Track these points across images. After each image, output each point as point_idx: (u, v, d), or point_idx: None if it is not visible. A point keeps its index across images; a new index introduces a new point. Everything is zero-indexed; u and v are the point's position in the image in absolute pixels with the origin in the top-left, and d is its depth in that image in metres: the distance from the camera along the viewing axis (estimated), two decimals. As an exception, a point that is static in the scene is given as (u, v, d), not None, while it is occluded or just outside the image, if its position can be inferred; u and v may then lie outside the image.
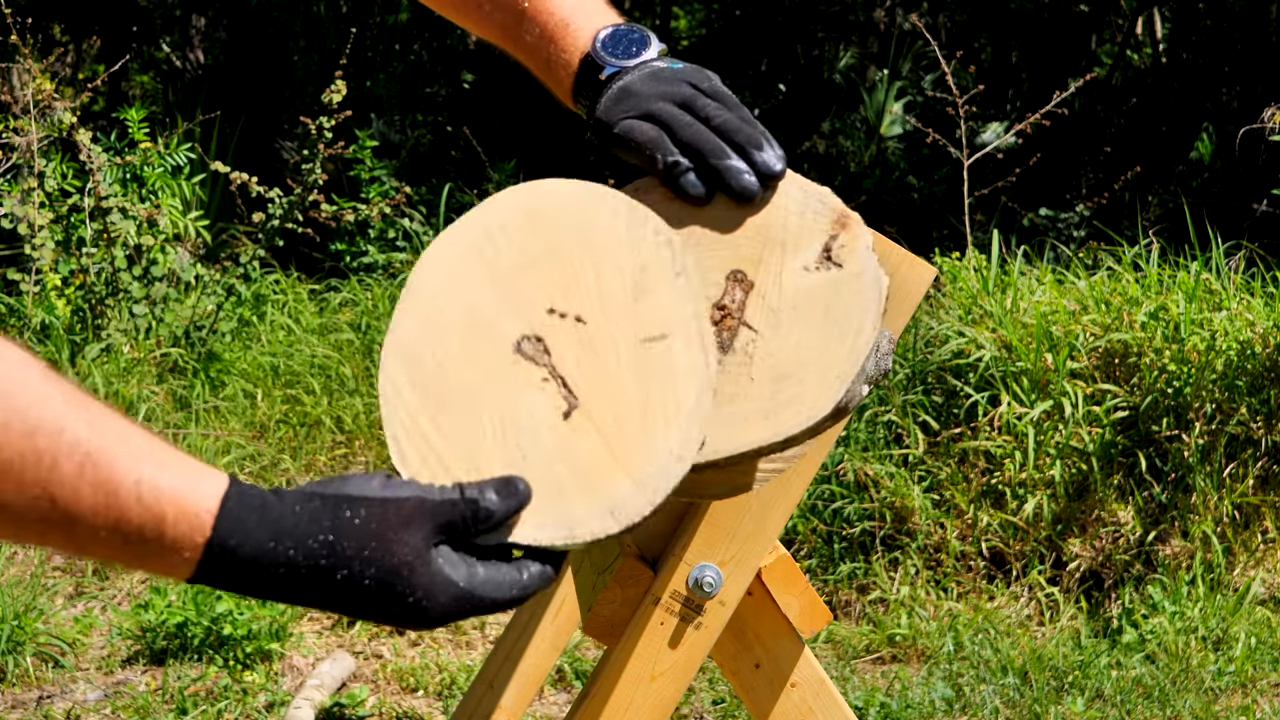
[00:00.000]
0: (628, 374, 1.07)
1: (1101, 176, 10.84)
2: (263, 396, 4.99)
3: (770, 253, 1.17)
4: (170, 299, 5.33)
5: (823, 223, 1.19)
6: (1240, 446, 4.38)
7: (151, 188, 5.63)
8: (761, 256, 1.17)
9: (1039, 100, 7.18)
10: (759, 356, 1.14)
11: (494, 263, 1.11)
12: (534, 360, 1.07)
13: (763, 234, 1.18)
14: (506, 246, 1.12)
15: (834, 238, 1.18)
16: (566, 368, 1.07)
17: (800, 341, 1.14)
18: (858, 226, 1.19)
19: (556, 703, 3.58)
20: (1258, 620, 4.07)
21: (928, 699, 3.58)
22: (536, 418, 1.06)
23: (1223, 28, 12.05)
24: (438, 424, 1.06)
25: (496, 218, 1.13)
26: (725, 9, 13.41)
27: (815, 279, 1.16)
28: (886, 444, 4.43)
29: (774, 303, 1.16)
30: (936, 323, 4.72)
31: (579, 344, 1.08)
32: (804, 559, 4.31)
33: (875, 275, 1.16)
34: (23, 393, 0.92)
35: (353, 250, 6.73)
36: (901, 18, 12.63)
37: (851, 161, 11.75)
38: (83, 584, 4.15)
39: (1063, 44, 12.49)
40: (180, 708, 3.41)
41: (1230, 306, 4.62)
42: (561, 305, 1.09)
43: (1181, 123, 11.85)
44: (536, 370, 1.07)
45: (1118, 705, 3.60)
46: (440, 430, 1.06)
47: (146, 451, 0.96)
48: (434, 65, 11.07)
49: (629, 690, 1.45)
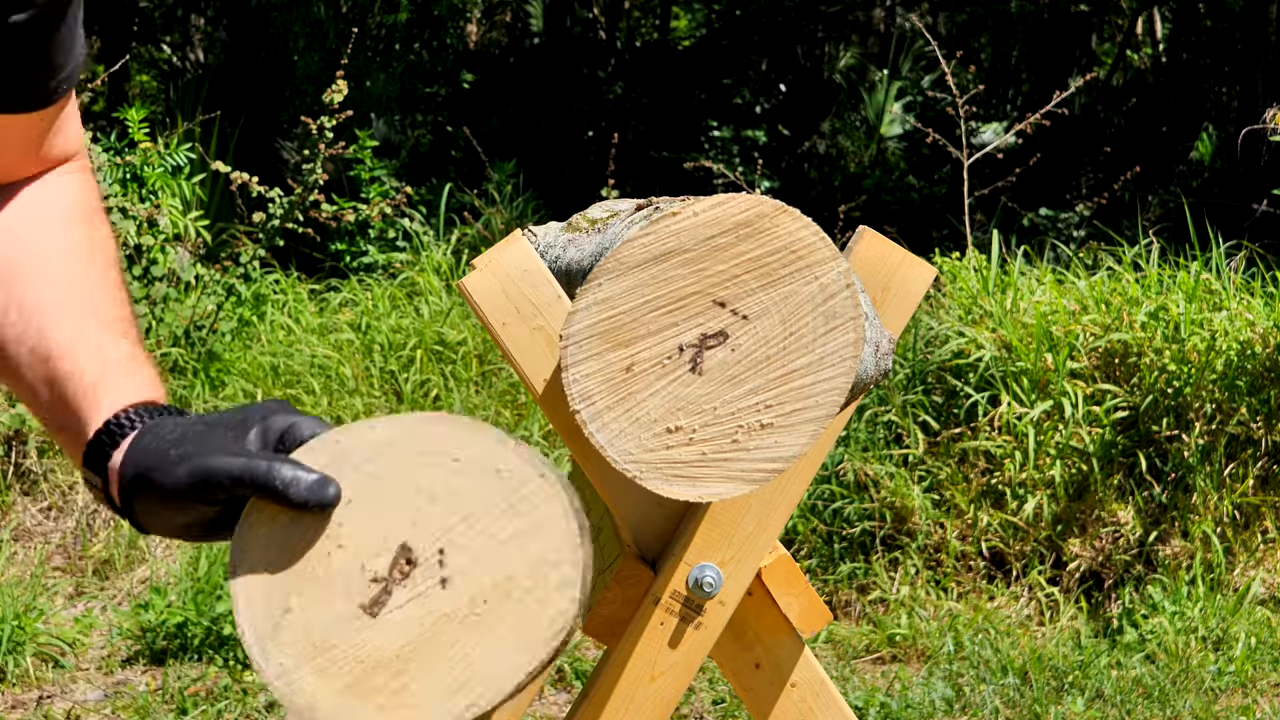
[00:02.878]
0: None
1: (1101, 176, 10.84)
2: (263, 396, 4.99)
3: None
4: (170, 299, 5.33)
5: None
6: (1240, 446, 4.38)
7: (151, 187, 5.62)
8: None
9: (1039, 100, 7.18)
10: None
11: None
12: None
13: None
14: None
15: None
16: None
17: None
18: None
19: (556, 703, 3.58)
20: (1258, 620, 4.07)
21: (928, 699, 3.58)
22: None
23: (1223, 28, 12.05)
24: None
25: None
26: (725, 9, 13.41)
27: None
28: (886, 444, 4.43)
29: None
30: (936, 323, 4.72)
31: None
32: (804, 559, 4.31)
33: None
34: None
35: (353, 250, 6.74)
36: (901, 18, 12.64)
37: (851, 161, 11.75)
38: (83, 584, 4.15)
39: (1063, 44, 12.49)
40: (180, 708, 3.41)
41: (1230, 306, 4.62)
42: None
43: (1181, 123, 11.85)
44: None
45: (1118, 705, 3.60)
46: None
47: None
48: (434, 65, 11.07)
49: (629, 690, 1.45)
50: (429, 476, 1.04)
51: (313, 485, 1.02)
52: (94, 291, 1.19)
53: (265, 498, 1.03)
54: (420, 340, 5.29)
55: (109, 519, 4.31)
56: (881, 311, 1.46)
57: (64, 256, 1.20)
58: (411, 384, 5.09)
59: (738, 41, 12.92)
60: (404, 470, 1.04)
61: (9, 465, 4.40)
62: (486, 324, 1.44)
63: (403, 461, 1.05)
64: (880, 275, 1.47)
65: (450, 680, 1.02)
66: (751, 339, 1.22)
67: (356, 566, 1.03)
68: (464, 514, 1.03)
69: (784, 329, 1.23)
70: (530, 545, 1.03)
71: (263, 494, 1.03)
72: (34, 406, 1.17)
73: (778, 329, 1.23)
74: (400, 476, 1.04)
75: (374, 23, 10.60)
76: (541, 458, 1.04)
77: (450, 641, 1.02)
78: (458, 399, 4.99)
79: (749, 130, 11.56)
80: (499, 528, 1.03)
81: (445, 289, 5.82)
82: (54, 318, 1.15)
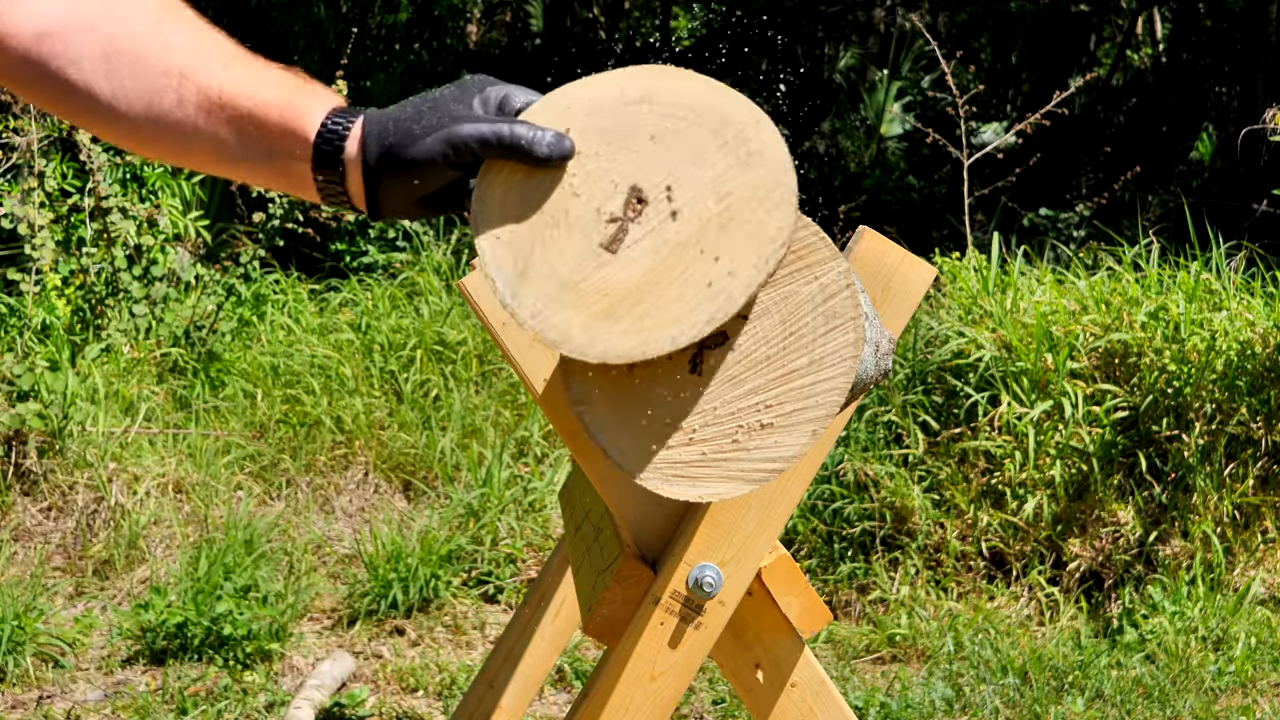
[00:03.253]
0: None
1: (1101, 176, 10.85)
2: (263, 396, 4.99)
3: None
4: (170, 299, 5.34)
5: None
6: (1240, 446, 4.38)
7: (151, 187, 5.63)
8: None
9: (1039, 100, 7.19)
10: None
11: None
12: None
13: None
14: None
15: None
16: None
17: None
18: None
19: (556, 703, 3.58)
20: (1258, 620, 4.07)
21: (928, 699, 3.58)
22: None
23: (1223, 28, 12.07)
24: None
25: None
26: (725, 9, 13.41)
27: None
28: (886, 444, 4.43)
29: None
30: (936, 323, 4.72)
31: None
32: (804, 559, 4.31)
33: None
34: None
35: (353, 250, 6.74)
36: (902, 18, 12.64)
37: (851, 161, 11.76)
38: (83, 584, 4.15)
39: (1063, 44, 12.50)
40: (180, 708, 3.41)
41: (1230, 306, 4.62)
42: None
43: (1181, 123, 11.86)
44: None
45: (1118, 705, 3.60)
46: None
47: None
48: (434, 65, 11.07)
49: (629, 690, 1.45)
50: (648, 122, 1.14)
51: (553, 140, 1.14)
52: (215, 37, 1.27)
53: (509, 157, 1.14)
54: (420, 340, 5.29)
55: (109, 519, 4.31)
56: (881, 311, 1.46)
57: (167, 24, 1.25)
58: (411, 384, 5.09)
59: (738, 41, 12.93)
60: (624, 119, 1.15)
61: (9, 465, 4.40)
62: (486, 324, 1.44)
63: (621, 111, 1.15)
64: (880, 275, 1.47)
65: (689, 300, 1.13)
66: (751, 339, 1.22)
67: (592, 210, 1.14)
68: (685, 152, 1.14)
69: (784, 329, 1.23)
70: (748, 173, 1.13)
71: (507, 154, 1.14)
72: (218, 159, 1.24)
73: (777, 329, 1.23)
74: (622, 125, 1.15)
75: (374, 23, 10.61)
76: (744, 98, 1.15)
77: (685, 266, 1.13)
78: (458, 399, 4.99)
79: (749, 130, 11.56)
80: (716, 160, 1.13)
81: (445, 289, 5.82)
82: (203, 71, 1.23)
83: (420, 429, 4.86)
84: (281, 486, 4.64)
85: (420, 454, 4.75)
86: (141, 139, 1.24)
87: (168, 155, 1.26)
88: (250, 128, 1.21)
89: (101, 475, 4.36)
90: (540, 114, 1.16)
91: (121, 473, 4.42)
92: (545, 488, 4.50)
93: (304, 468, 4.71)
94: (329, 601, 4.11)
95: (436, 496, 4.62)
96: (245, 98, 1.22)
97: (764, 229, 1.13)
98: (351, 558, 4.33)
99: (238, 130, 1.22)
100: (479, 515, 4.36)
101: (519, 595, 4.18)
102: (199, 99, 1.22)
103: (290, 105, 1.21)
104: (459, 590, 4.16)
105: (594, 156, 1.15)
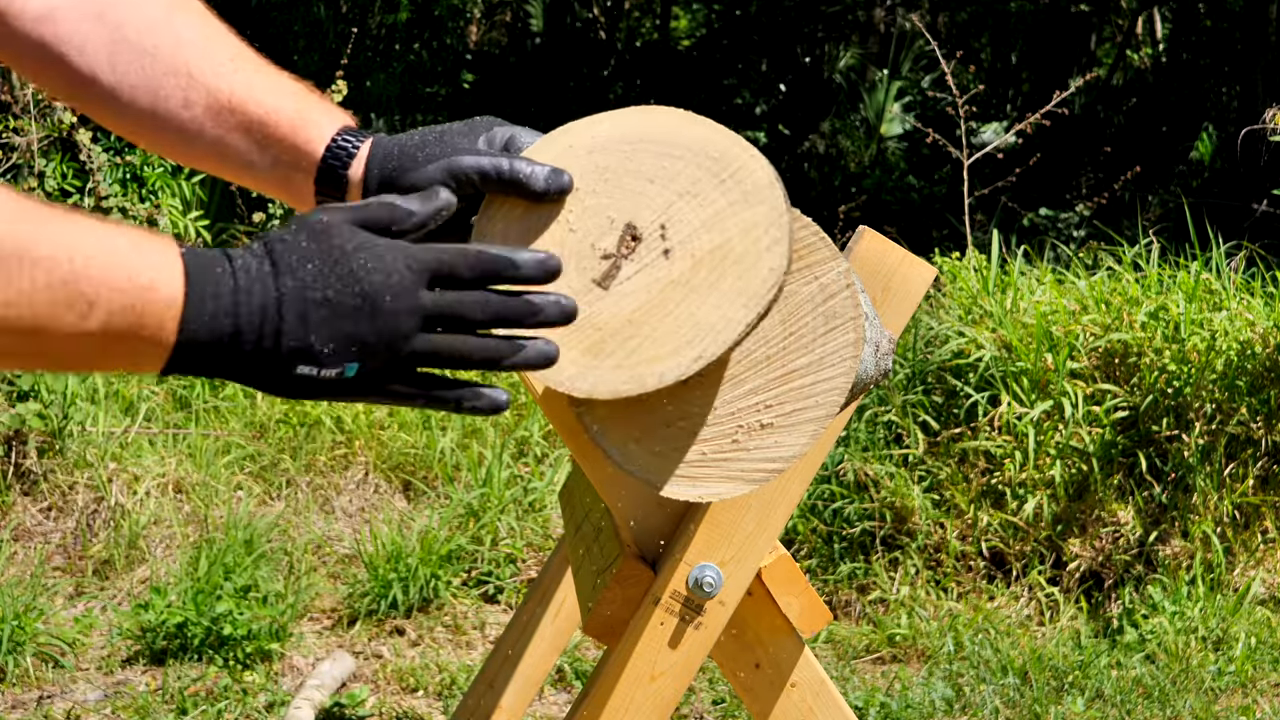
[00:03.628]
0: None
1: (1101, 176, 10.85)
2: (262, 396, 4.99)
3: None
4: (170, 299, 5.33)
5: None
6: (1240, 446, 4.38)
7: (151, 187, 5.63)
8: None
9: (1039, 100, 7.19)
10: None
11: None
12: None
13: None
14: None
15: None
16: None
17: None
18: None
19: (556, 703, 3.58)
20: (1258, 620, 4.07)
21: (928, 699, 3.58)
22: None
23: (1223, 28, 12.07)
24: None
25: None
26: (725, 9, 13.42)
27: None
28: (886, 444, 4.43)
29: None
30: (936, 323, 4.72)
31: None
32: (804, 559, 4.31)
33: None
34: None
35: (353, 250, 6.72)
36: (902, 17, 12.64)
37: (851, 161, 11.75)
38: (83, 584, 4.15)
39: (1063, 44, 12.50)
40: (180, 708, 3.41)
41: (1230, 306, 4.62)
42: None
43: (1181, 123, 11.86)
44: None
45: (1118, 705, 3.60)
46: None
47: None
48: (434, 65, 11.08)
49: (629, 690, 1.45)
50: (646, 162, 1.16)
51: (549, 175, 1.14)
52: (225, 34, 1.26)
53: (507, 191, 1.15)
54: (420, 340, 5.28)
55: (109, 519, 4.31)
56: (881, 311, 1.46)
57: (179, 18, 1.24)
58: (411, 384, 5.08)
59: (738, 41, 12.94)
60: (623, 158, 1.17)
61: (9, 465, 4.40)
62: (486, 324, 1.44)
63: (621, 151, 1.17)
64: (880, 275, 1.47)
65: (678, 337, 1.15)
66: (751, 339, 1.22)
67: (587, 246, 1.16)
68: (680, 191, 1.16)
69: (784, 329, 1.23)
70: (742, 213, 1.15)
71: (505, 187, 1.15)
72: (220, 162, 1.23)
73: (777, 329, 1.23)
74: (621, 164, 1.17)
75: (374, 23, 10.61)
76: (744, 140, 1.17)
77: (675, 304, 1.15)
78: (458, 399, 4.99)
79: (749, 130, 11.57)
80: (712, 200, 1.15)
81: (445, 289, 5.82)
82: (213, 73, 1.22)
83: (420, 429, 4.86)
84: (281, 486, 4.64)
85: (420, 454, 4.75)
86: (144, 133, 1.24)
87: (168, 152, 1.26)
88: (258, 135, 1.22)
89: (101, 475, 4.36)
90: (542, 151, 1.17)
91: (121, 473, 4.42)
92: (545, 488, 4.50)
93: (304, 468, 4.71)
94: (329, 601, 4.11)
95: (436, 496, 4.62)
96: (255, 104, 1.22)
97: (756, 270, 1.15)
98: (351, 558, 4.33)
99: (245, 136, 1.22)
100: (479, 515, 4.36)
101: (519, 595, 4.18)
102: (208, 101, 1.22)
103: (300, 117, 1.22)
104: (459, 590, 4.16)
105: (592, 193, 1.16)
